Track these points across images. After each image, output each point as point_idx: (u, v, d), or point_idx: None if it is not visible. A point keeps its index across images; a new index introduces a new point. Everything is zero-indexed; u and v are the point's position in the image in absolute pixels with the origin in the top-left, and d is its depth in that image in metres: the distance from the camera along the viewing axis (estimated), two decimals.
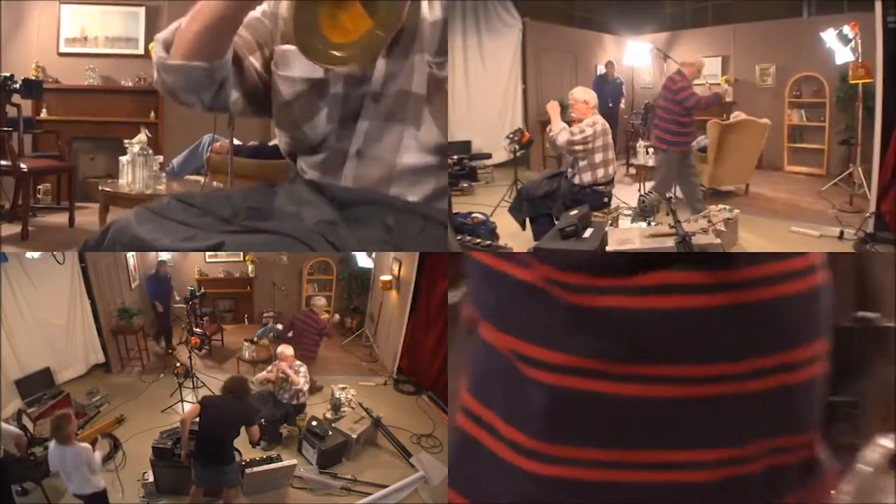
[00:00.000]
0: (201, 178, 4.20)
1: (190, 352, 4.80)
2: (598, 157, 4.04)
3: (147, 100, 5.52)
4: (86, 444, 2.69)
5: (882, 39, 4.25)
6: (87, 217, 4.70)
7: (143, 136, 3.64)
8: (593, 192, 4.08)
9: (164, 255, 5.27)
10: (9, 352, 3.78)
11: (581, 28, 8.43)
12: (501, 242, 4.24)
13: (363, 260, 6.07)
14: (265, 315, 5.93)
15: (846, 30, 5.04)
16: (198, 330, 5.23)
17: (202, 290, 5.63)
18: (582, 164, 4.07)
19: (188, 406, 3.62)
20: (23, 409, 3.44)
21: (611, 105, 7.34)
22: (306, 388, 3.94)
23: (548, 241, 3.52)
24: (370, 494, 3.15)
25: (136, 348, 5.07)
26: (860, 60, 5.02)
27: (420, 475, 3.22)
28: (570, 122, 4.21)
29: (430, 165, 1.28)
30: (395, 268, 5.10)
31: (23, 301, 4.03)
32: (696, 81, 7.68)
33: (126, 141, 3.60)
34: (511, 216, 4.37)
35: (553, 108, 4.24)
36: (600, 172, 4.07)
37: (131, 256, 5.55)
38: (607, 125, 4.13)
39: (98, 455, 2.74)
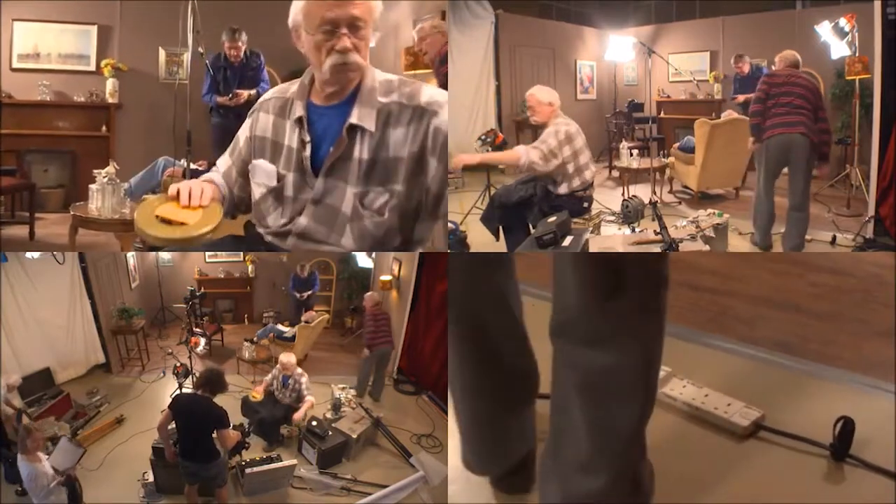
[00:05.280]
0: None
1: (190, 352, 4.80)
2: (571, 168, 3.61)
3: (98, 114, 5.68)
4: (45, 467, 2.61)
5: (881, 32, 4.06)
6: (45, 229, 4.79)
7: (111, 169, 3.96)
8: (571, 198, 3.70)
9: None
10: (9, 352, 3.78)
11: (559, 21, 8.03)
12: None
13: (363, 260, 6.08)
14: (265, 315, 5.95)
15: (842, 22, 4.84)
16: (198, 330, 5.23)
17: (202, 290, 5.64)
18: (558, 176, 3.67)
19: None
20: (23, 409, 3.44)
21: None
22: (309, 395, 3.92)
23: (524, 251, 3.24)
24: (370, 494, 3.15)
25: (136, 348, 5.08)
26: (857, 55, 4.87)
27: (420, 475, 3.22)
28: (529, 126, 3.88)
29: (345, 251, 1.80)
30: (395, 268, 5.10)
31: (23, 301, 4.03)
32: (682, 78, 7.55)
33: (95, 171, 3.95)
34: (483, 225, 3.98)
35: (461, 162, 3.77)
36: (576, 182, 3.65)
37: (131, 257, 5.56)
38: (575, 126, 3.67)
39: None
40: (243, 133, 1.91)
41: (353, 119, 1.69)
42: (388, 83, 1.74)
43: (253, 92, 4.76)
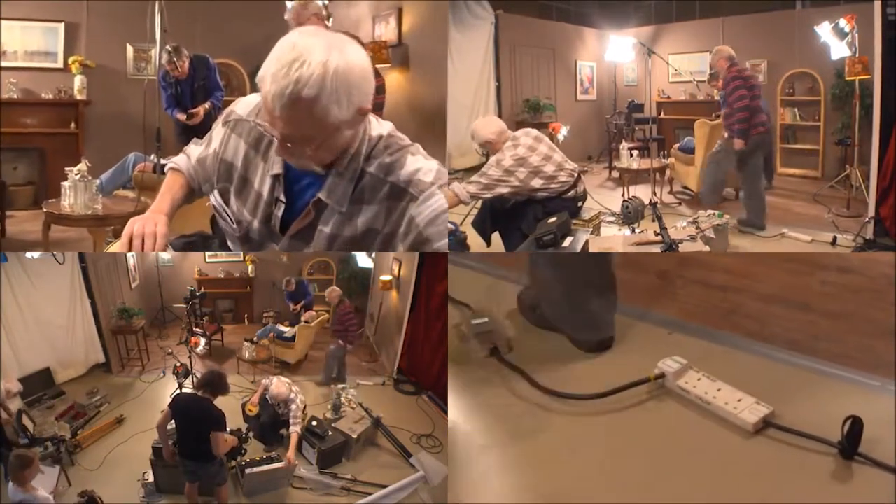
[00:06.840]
0: (130, 193, 4.59)
1: (190, 352, 4.81)
2: (538, 182, 3.50)
3: (67, 111, 5.69)
4: (43, 494, 2.38)
5: (881, 33, 4.07)
6: (16, 226, 4.83)
7: (83, 166, 4.03)
8: (563, 201, 3.59)
9: None
10: (9, 352, 3.78)
11: (559, 21, 8.05)
12: None
13: (363, 260, 6.08)
14: (265, 315, 5.94)
15: (842, 23, 4.87)
16: (198, 330, 5.23)
17: (202, 290, 5.64)
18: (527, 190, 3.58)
19: None
20: (23, 409, 3.44)
21: None
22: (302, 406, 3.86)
23: (524, 251, 3.22)
24: (370, 494, 3.15)
25: (136, 348, 5.08)
26: (857, 55, 4.88)
27: (420, 475, 3.23)
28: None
29: None
30: (395, 268, 5.10)
31: (23, 301, 4.03)
32: (682, 79, 7.58)
33: (67, 168, 4.01)
34: (474, 230, 3.86)
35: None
36: (555, 186, 3.53)
37: (131, 257, 5.56)
38: (527, 145, 3.52)
39: None
40: (213, 143, 1.70)
41: (322, 194, 1.51)
42: (377, 141, 1.52)
43: (208, 105, 4.80)
